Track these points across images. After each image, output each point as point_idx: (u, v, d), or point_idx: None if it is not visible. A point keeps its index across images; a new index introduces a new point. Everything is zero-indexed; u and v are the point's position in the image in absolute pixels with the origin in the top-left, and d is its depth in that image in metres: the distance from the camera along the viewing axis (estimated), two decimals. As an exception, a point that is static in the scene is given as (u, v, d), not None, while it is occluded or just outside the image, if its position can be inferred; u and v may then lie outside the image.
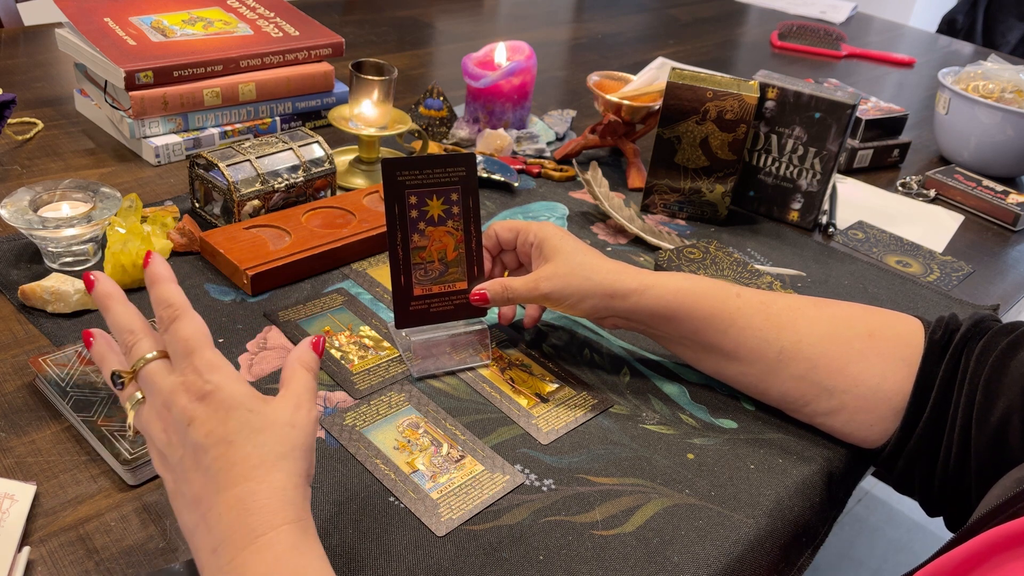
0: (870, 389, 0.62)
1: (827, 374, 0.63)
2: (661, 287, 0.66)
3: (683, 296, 0.66)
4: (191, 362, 0.47)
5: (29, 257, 0.77)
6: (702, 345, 0.67)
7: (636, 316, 0.67)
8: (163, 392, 0.47)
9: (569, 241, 0.69)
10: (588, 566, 0.54)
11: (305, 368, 0.50)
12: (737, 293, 0.67)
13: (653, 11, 1.94)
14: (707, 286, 0.67)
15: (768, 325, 0.65)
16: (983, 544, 0.39)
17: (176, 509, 0.47)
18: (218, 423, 0.45)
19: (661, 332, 0.68)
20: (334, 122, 0.95)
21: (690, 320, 0.66)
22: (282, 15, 1.11)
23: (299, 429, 0.47)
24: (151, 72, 0.94)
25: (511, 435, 0.64)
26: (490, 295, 0.69)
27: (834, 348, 0.63)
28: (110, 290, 0.51)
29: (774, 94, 0.96)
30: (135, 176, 0.94)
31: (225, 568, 0.43)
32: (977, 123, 1.18)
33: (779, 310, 0.66)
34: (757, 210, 1.03)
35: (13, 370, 0.65)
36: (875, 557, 1.66)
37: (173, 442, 0.46)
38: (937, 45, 1.97)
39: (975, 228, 1.09)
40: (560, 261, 0.68)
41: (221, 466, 0.44)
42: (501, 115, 1.09)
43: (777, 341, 0.64)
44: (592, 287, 0.67)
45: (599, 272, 0.67)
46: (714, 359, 0.68)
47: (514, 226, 0.72)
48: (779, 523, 0.60)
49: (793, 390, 0.65)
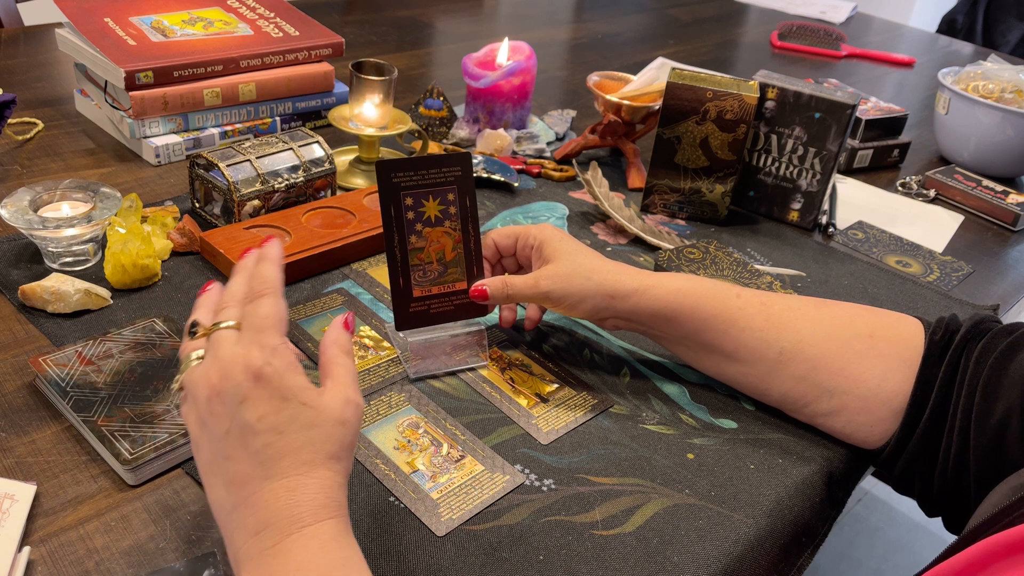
0: (870, 390, 0.62)
1: (827, 375, 0.63)
2: (661, 288, 0.66)
3: (683, 297, 0.66)
4: (259, 339, 0.47)
5: (29, 257, 0.77)
6: (702, 345, 0.67)
7: (636, 317, 0.68)
8: (224, 359, 0.46)
9: (569, 242, 0.70)
10: (588, 566, 0.54)
11: (344, 352, 0.50)
12: (737, 294, 0.67)
13: (653, 11, 1.94)
14: (707, 287, 0.67)
15: (768, 326, 0.65)
16: (980, 552, 0.39)
17: (208, 482, 0.47)
18: (271, 410, 0.45)
19: (661, 333, 0.68)
20: (334, 122, 0.95)
21: (690, 321, 0.66)
22: (282, 15, 1.11)
23: (348, 427, 0.47)
24: (151, 72, 0.94)
25: (511, 435, 0.64)
26: (490, 291, 0.69)
27: (834, 349, 0.63)
28: (243, 263, 0.53)
29: (774, 94, 0.96)
30: (135, 176, 0.94)
31: (268, 551, 0.43)
32: (977, 123, 1.18)
33: (779, 311, 0.66)
34: (757, 210, 1.03)
35: (13, 370, 0.65)
36: (875, 557, 1.66)
37: (219, 413, 0.46)
38: (937, 45, 1.97)
39: (975, 228, 1.09)
40: (561, 261, 0.68)
41: (271, 454, 0.45)
42: (501, 115, 1.09)
43: (777, 342, 0.65)
44: (592, 287, 0.67)
45: (599, 273, 0.67)
46: (715, 359, 0.68)
47: (512, 232, 0.72)
48: (779, 523, 0.60)
49: (793, 391, 0.65)
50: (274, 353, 0.46)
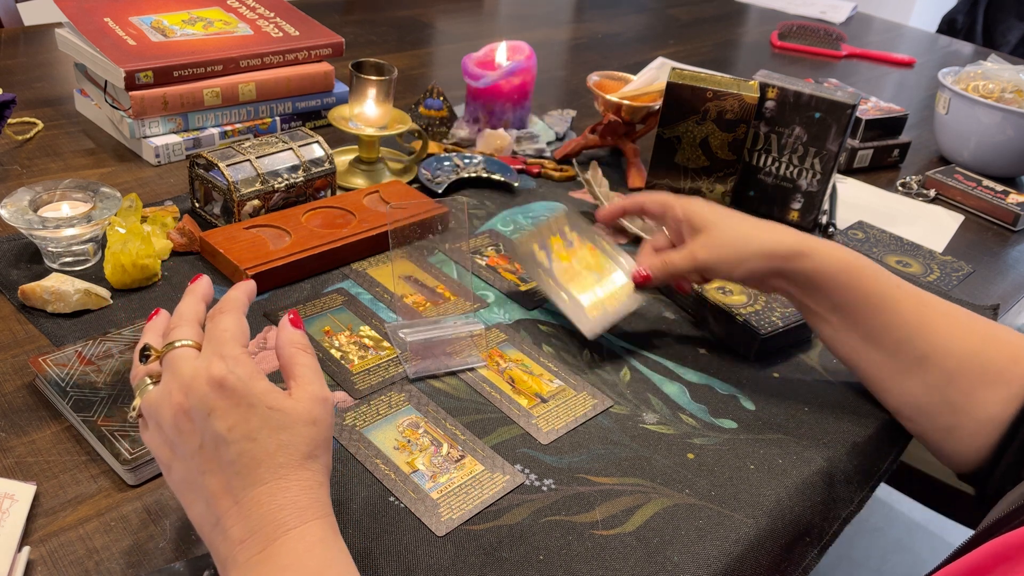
0: (989, 417, 0.62)
1: (958, 393, 0.63)
2: (825, 254, 0.66)
3: (846, 267, 0.66)
4: (220, 350, 0.46)
5: (29, 257, 0.77)
6: (850, 322, 0.67)
7: (795, 278, 0.67)
8: (185, 375, 0.46)
9: (720, 210, 0.71)
10: (588, 566, 0.54)
11: (302, 349, 0.50)
12: (898, 284, 0.66)
13: (653, 11, 1.94)
14: (871, 265, 0.67)
15: (921, 323, 0.64)
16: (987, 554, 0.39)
17: (187, 500, 0.47)
18: (240, 419, 0.45)
19: (811, 300, 0.68)
20: (334, 122, 0.95)
21: (847, 292, 0.66)
22: (282, 15, 1.11)
23: (320, 425, 0.47)
24: (151, 72, 0.94)
25: (511, 435, 0.64)
26: (653, 273, 0.72)
27: (976, 367, 0.62)
28: (196, 288, 0.53)
29: (774, 94, 0.96)
30: (135, 176, 0.94)
31: (254, 558, 0.43)
32: (977, 123, 1.18)
33: (934, 313, 0.65)
34: (757, 210, 1.03)
35: (13, 370, 0.65)
36: (875, 557, 1.66)
37: (188, 430, 0.45)
38: (937, 45, 1.97)
39: (975, 228, 1.09)
40: (713, 230, 0.70)
41: (247, 462, 0.44)
42: (501, 115, 1.09)
43: (924, 343, 0.64)
44: (751, 251, 0.68)
45: (755, 237, 0.68)
46: (856, 341, 0.67)
47: (663, 200, 0.74)
48: (779, 523, 0.60)
49: (920, 398, 0.65)
50: (236, 362, 0.46)
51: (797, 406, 0.71)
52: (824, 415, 0.70)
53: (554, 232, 0.79)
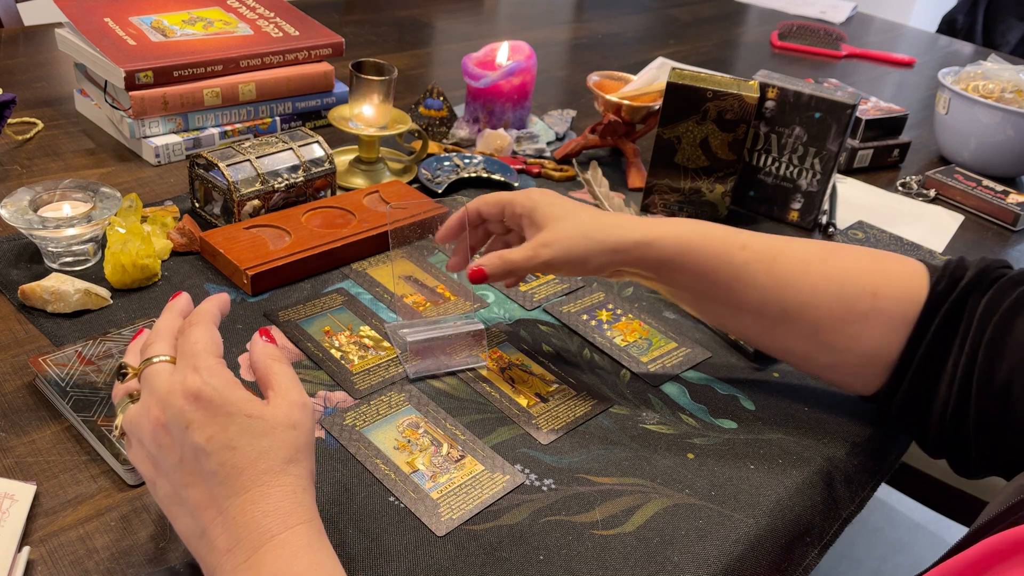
0: (870, 349, 0.63)
1: (829, 335, 0.64)
2: (665, 239, 0.65)
3: (687, 247, 0.65)
4: (194, 362, 0.46)
5: (29, 257, 0.77)
6: (704, 296, 0.67)
7: (642, 266, 0.66)
8: (160, 390, 0.46)
9: (559, 204, 0.68)
10: (588, 566, 0.54)
11: (277, 360, 0.50)
12: (743, 244, 0.65)
13: (653, 11, 1.94)
14: (712, 238, 0.65)
15: (773, 283, 0.64)
16: (983, 552, 0.39)
17: (172, 514, 0.47)
18: (219, 429, 0.45)
19: (667, 282, 0.67)
20: (334, 122, 0.95)
21: (695, 271, 0.65)
22: (282, 15, 1.11)
23: (299, 429, 0.47)
24: (151, 72, 0.94)
25: (511, 435, 0.64)
26: (488, 270, 0.67)
27: (839, 310, 0.63)
28: (175, 304, 0.53)
29: (774, 94, 0.96)
30: (135, 176, 0.94)
31: (241, 566, 0.43)
32: (977, 123, 1.18)
33: (784, 266, 0.64)
34: (757, 210, 1.03)
35: (13, 370, 0.65)
36: (875, 557, 1.66)
37: (167, 444, 0.46)
38: (937, 45, 1.97)
39: (975, 228, 1.09)
40: (555, 226, 0.66)
41: (228, 472, 0.44)
42: (501, 115, 1.09)
43: (781, 300, 0.64)
44: (595, 246, 0.65)
45: (598, 230, 0.66)
46: (717, 310, 0.68)
47: (497, 200, 0.70)
48: (779, 523, 0.60)
49: (795, 346, 0.66)
50: (210, 373, 0.46)
51: (797, 406, 0.71)
52: (824, 415, 0.70)
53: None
